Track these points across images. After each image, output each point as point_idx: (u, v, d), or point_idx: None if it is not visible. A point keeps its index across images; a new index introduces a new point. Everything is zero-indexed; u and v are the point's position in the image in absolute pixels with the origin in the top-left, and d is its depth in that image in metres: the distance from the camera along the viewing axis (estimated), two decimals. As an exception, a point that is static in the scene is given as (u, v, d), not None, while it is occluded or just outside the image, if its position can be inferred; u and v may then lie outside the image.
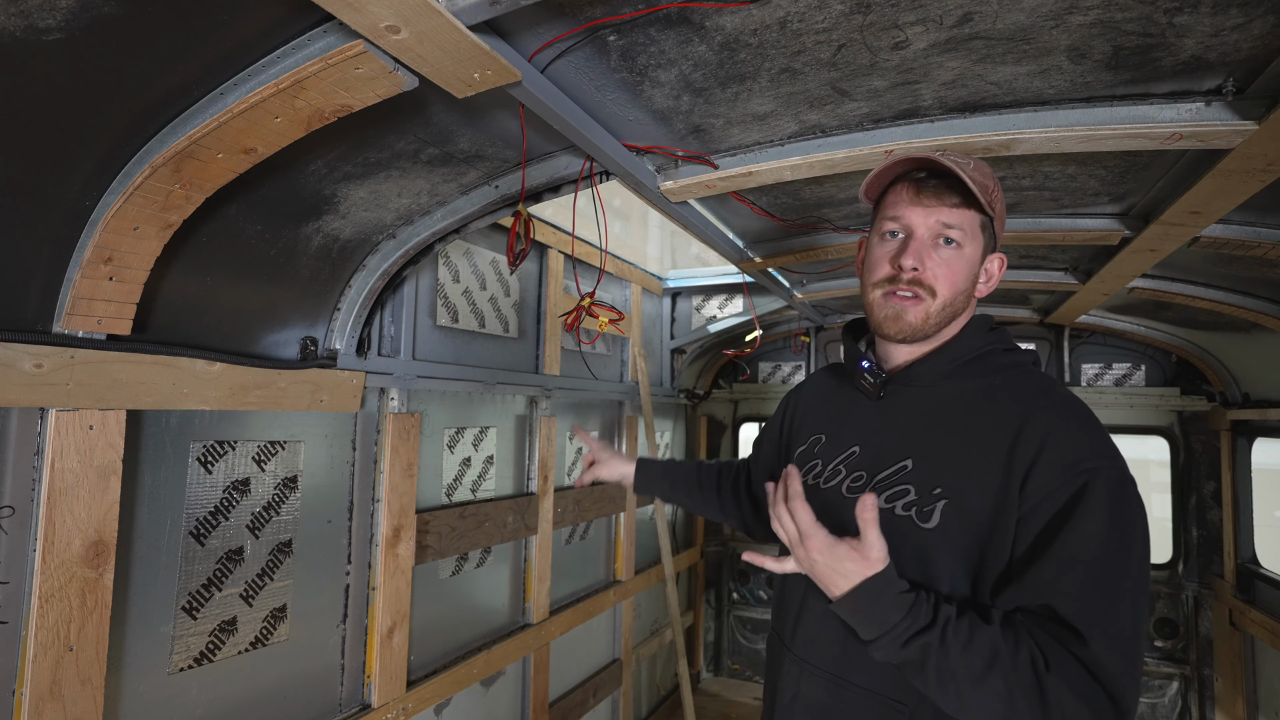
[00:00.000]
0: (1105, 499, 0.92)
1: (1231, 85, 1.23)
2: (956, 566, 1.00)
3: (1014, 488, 0.96)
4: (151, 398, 1.39)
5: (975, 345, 1.11)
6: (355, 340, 1.90)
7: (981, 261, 1.12)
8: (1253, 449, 3.46)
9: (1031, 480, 0.96)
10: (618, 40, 1.18)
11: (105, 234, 1.20)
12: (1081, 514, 0.92)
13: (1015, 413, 1.02)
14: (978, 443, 1.02)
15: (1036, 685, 0.87)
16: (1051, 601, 0.91)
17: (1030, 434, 0.98)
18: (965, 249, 1.08)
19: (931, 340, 1.12)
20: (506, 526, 2.56)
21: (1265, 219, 1.82)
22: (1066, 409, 1.02)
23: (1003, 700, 0.88)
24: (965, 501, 0.99)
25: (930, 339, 1.12)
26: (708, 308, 3.95)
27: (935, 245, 1.08)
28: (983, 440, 1.02)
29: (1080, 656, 0.88)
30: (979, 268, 1.12)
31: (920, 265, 1.07)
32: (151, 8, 0.93)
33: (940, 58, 1.21)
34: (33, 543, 1.24)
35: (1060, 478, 0.94)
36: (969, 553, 0.99)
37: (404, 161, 1.53)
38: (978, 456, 1.01)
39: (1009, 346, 1.13)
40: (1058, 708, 0.86)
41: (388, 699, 1.99)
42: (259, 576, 1.70)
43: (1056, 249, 2.45)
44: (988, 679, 0.88)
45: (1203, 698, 3.68)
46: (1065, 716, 0.86)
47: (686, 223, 2.04)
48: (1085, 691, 0.86)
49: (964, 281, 1.09)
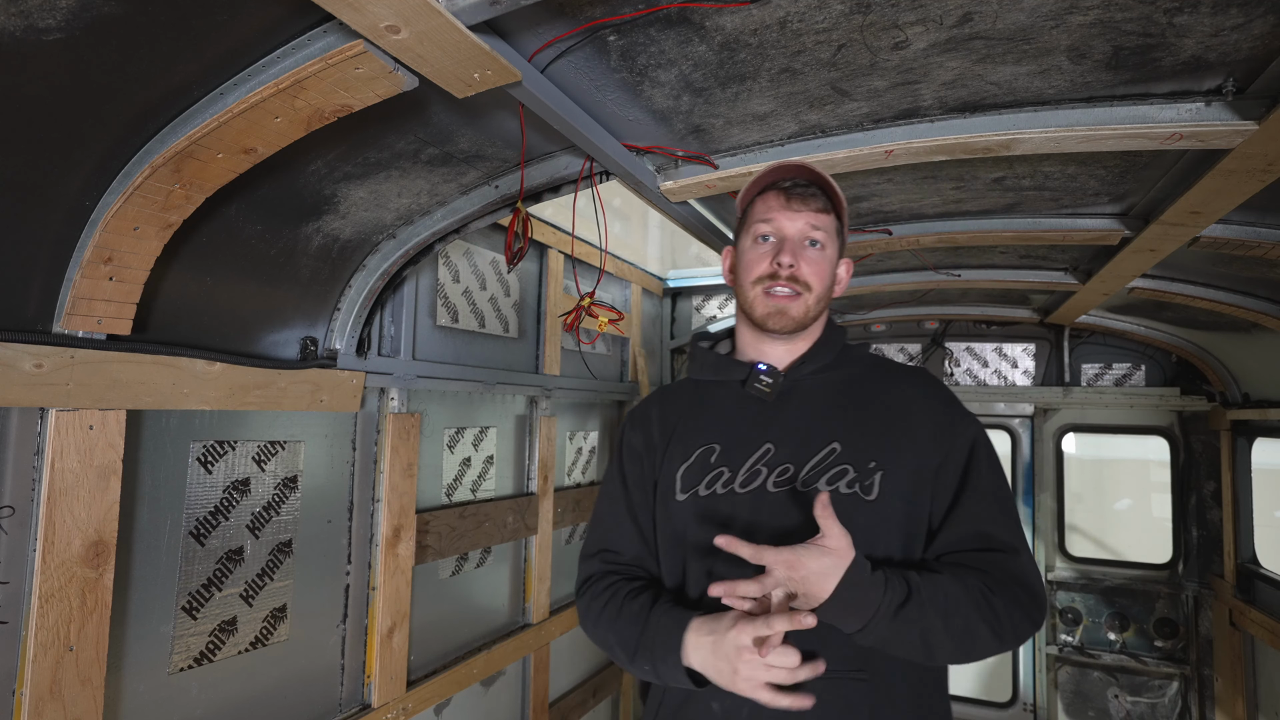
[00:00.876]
0: (986, 447, 1.18)
1: (1231, 85, 1.23)
2: (894, 531, 1.12)
3: (928, 451, 1.14)
4: (151, 398, 1.39)
5: (838, 340, 1.26)
6: (355, 340, 1.90)
7: (837, 264, 1.25)
8: (1253, 449, 3.46)
9: (939, 442, 1.15)
10: (618, 40, 1.18)
11: (105, 234, 1.20)
12: (979, 462, 1.16)
13: (904, 390, 1.21)
14: (890, 417, 1.17)
15: (991, 610, 1.03)
16: (986, 528, 1.11)
17: (925, 405, 1.19)
18: (827, 250, 1.20)
19: (804, 337, 1.24)
20: (506, 526, 2.56)
21: (1265, 219, 1.82)
22: (937, 384, 1.25)
23: (972, 635, 1.02)
24: (897, 470, 1.13)
25: (803, 336, 1.24)
26: (708, 308, 3.95)
27: (803, 246, 1.19)
28: (893, 414, 1.18)
29: (1012, 569, 1.08)
30: (837, 268, 1.25)
31: (796, 263, 1.17)
32: (151, 8, 0.93)
33: (940, 58, 1.21)
34: (33, 543, 1.24)
35: (960, 439, 1.16)
36: (903, 515, 1.13)
37: (404, 161, 1.53)
38: (895, 428, 1.16)
39: (851, 339, 1.31)
40: (1008, 621, 1.04)
41: (388, 699, 1.99)
42: (259, 576, 1.70)
43: (1056, 249, 2.45)
44: (956, 620, 1.01)
45: (1203, 698, 3.68)
46: (1015, 626, 1.04)
47: (686, 223, 2.04)
48: (1021, 600, 1.06)
49: (830, 279, 1.22)
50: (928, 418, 1.17)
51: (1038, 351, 4.02)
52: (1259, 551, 3.41)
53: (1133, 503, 5.77)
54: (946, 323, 4.10)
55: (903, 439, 1.15)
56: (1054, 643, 3.92)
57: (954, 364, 4.13)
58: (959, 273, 2.80)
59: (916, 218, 2.20)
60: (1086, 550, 4.31)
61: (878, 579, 0.99)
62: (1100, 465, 5.82)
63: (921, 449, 1.14)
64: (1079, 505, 4.53)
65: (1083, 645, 3.87)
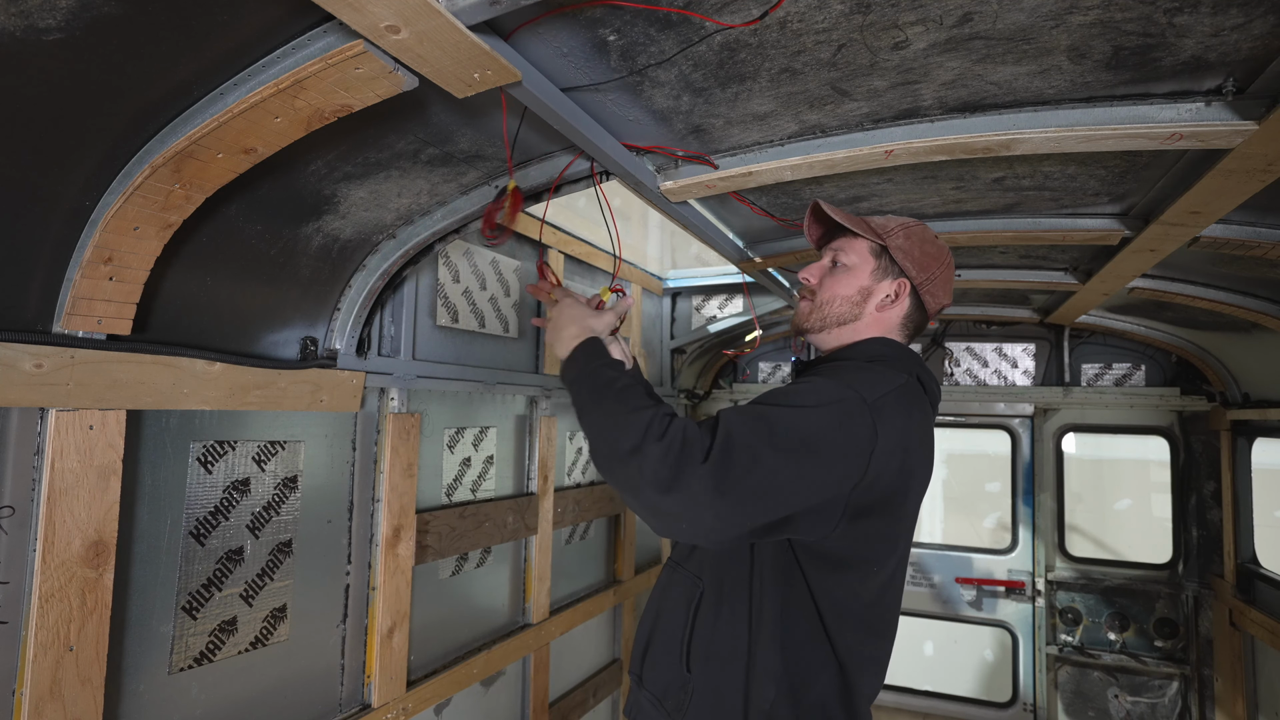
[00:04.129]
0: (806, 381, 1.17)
1: (1231, 85, 1.23)
2: None
3: None
4: (151, 398, 1.39)
5: (869, 351, 1.33)
6: (355, 340, 1.90)
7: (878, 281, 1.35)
8: (1253, 449, 3.46)
9: None
10: (618, 40, 1.18)
11: (105, 234, 1.20)
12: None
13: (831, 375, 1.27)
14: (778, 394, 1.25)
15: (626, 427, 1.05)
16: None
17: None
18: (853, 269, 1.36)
19: (835, 343, 1.39)
20: (506, 526, 2.56)
21: (1265, 219, 1.82)
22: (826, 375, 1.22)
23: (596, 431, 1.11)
24: None
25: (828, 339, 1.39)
26: (708, 308, 3.95)
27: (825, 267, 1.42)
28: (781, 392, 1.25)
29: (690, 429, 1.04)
30: (869, 285, 1.35)
31: (810, 276, 1.41)
32: (151, 8, 0.93)
33: (940, 58, 1.21)
34: (33, 543, 1.24)
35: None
36: None
37: (404, 161, 1.53)
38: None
39: (889, 356, 1.32)
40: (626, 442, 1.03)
41: (388, 699, 1.99)
42: (259, 576, 1.70)
43: (1056, 249, 2.45)
44: (594, 413, 1.14)
45: (1203, 698, 3.68)
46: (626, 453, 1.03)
47: (686, 223, 2.04)
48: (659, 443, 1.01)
49: (843, 289, 1.36)
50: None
51: (1038, 351, 4.02)
52: (1259, 551, 3.41)
53: (1133, 503, 5.76)
54: (946, 323, 4.11)
55: None
56: (1054, 643, 3.92)
57: (954, 364, 4.13)
58: (959, 273, 2.80)
59: (916, 218, 2.20)
60: (1086, 550, 4.31)
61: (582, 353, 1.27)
62: (1100, 465, 5.82)
63: None
64: (1079, 505, 4.52)
65: (1083, 645, 3.87)
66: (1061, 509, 4.05)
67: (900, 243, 1.34)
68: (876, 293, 1.35)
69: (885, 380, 1.19)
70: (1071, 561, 4.01)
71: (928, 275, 1.34)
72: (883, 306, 1.35)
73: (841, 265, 1.37)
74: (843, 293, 1.36)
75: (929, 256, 1.34)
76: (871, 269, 1.35)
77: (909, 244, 1.34)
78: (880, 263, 1.35)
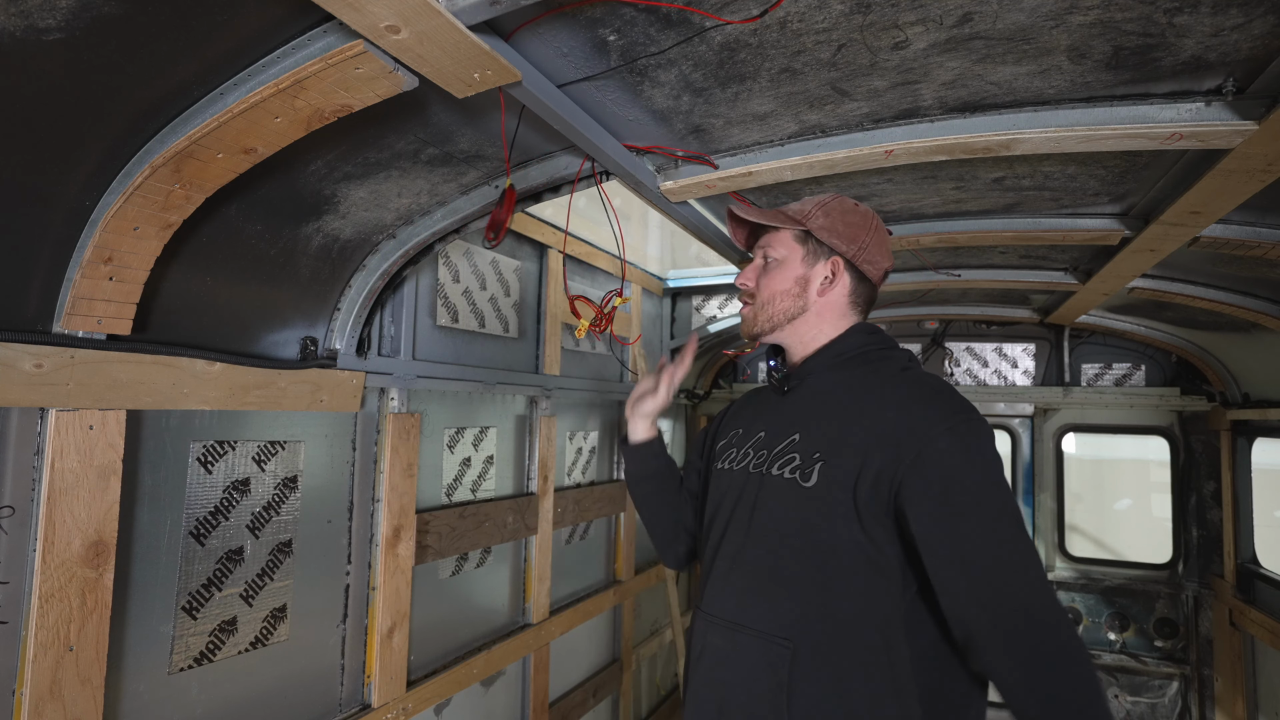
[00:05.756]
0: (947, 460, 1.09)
1: (1231, 85, 1.23)
2: (836, 519, 1.14)
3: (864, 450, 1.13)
4: (151, 398, 1.39)
5: (856, 344, 1.31)
6: (355, 340, 1.89)
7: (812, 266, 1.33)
8: (1253, 449, 3.46)
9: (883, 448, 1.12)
10: (618, 40, 1.18)
11: (105, 234, 1.20)
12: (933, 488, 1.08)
13: (878, 393, 1.21)
14: (850, 413, 1.20)
15: None
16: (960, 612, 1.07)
17: (877, 409, 1.17)
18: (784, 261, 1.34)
19: (809, 341, 1.34)
20: (506, 526, 2.56)
21: (1265, 219, 1.82)
22: (914, 391, 1.19)
23: None
24: (839, 462, 1.15)
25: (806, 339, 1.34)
26: (708, 308, 3.95)
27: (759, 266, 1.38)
28: (854, 411, 1.20)
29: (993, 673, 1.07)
30: (803, 273, 1.32)
31: (747, 280, 1.38)
32: (151, 8, 0.93)
33: (940, 58, 1.21)
34: (33, 543, 1.24)
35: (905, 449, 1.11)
36: (845, 506, 1.14)
37: (404, 161, 1.53)
38: (850, 424, 1.18)
39: (885, 345, 1.32)
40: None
41: (388, 699, 1.99)
42: (259, 576, 1.70)
43: (1056, 249, 2.45)
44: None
45: (1203, 698, 3.68)
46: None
47: (686, 223, 2.04)
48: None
49: (779, 284, 1.33)
50: (873, 420, 1.16)
51: (1038, 351, 4.02)
52: (1259, 551, 3.41)
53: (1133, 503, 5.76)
54: (946, 323, 4.11)
55: (855, 436, 1.16)
56: (1054, 643, 3.91)
57: (954, 364, 4.13)
58: (959, 273, 2.80)
59: (916, 218, 2.20)
60: (1086, 550, 4.31)
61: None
62: (1100, 465, 5.82)
63: (858, 448, 1.14)
64: (1079, 505, 4.53)
65: (1083, 645, 3.86)
66: (1061, 509, 4.04)
67: (821, 221, 1.31)
68: (813, 278, 1.32)
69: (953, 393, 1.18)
70: (1071, 561, 4.01)
71: (858, 245, 1.30)
72: (824, 290, 1.31)
73: (773, 260, 1.35)
74: (780, 287, 1.33)
75: (853, 226, 1.31)
76: (801, 256, 1.32)
77: (830, 220, 1.30)
78: (808, 247, 1.32)
